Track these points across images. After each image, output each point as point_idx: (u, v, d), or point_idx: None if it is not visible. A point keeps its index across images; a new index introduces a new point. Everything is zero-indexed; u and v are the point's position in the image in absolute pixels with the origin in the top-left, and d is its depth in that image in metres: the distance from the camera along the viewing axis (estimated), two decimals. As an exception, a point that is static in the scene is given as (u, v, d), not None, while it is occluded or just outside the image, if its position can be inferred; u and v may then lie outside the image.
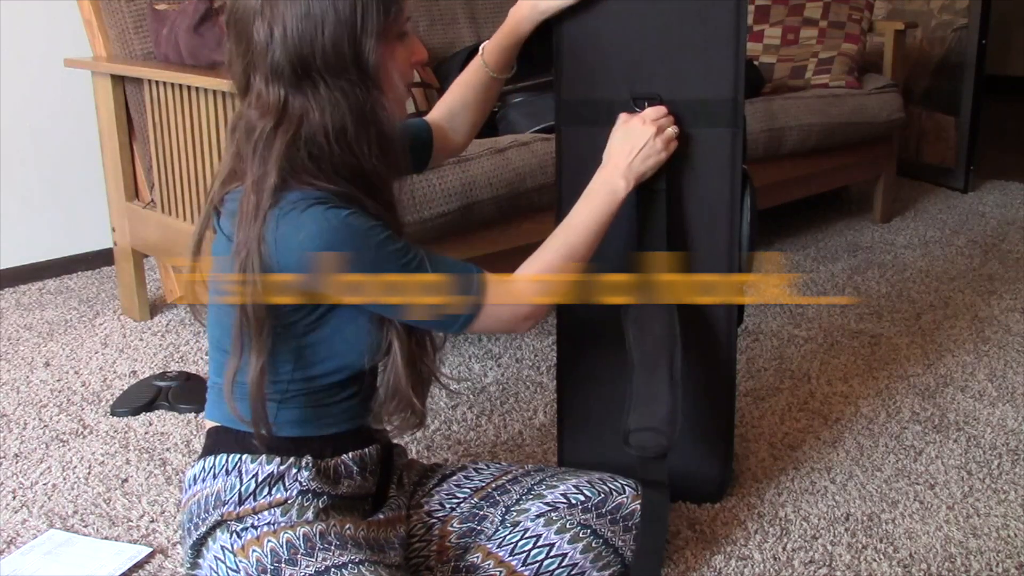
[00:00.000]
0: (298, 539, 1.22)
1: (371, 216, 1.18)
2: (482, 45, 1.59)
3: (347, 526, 1.26)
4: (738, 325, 1.68)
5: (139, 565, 1.54)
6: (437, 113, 1.59)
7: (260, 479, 1.24)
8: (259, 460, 1.24)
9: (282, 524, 1.23)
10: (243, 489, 1.24)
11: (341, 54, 1.15)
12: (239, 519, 1.24)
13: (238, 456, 1.25)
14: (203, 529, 1.25)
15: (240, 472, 1.24)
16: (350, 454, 1.30)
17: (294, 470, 1.24)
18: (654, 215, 1.57)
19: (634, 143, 1.47)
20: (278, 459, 1.24)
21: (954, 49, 3.81)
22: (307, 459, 1.25)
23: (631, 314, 1.57)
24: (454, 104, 1.60)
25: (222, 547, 1.24)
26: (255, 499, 1.23)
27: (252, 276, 1.14)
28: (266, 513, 1.23)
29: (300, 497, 1.24)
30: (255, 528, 1.23)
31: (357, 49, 1.16)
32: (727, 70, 1.55)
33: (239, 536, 1.23)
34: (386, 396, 1.27)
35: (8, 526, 1.64)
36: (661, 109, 1.52)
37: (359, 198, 1.18)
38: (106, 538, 1.61)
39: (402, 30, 1.22)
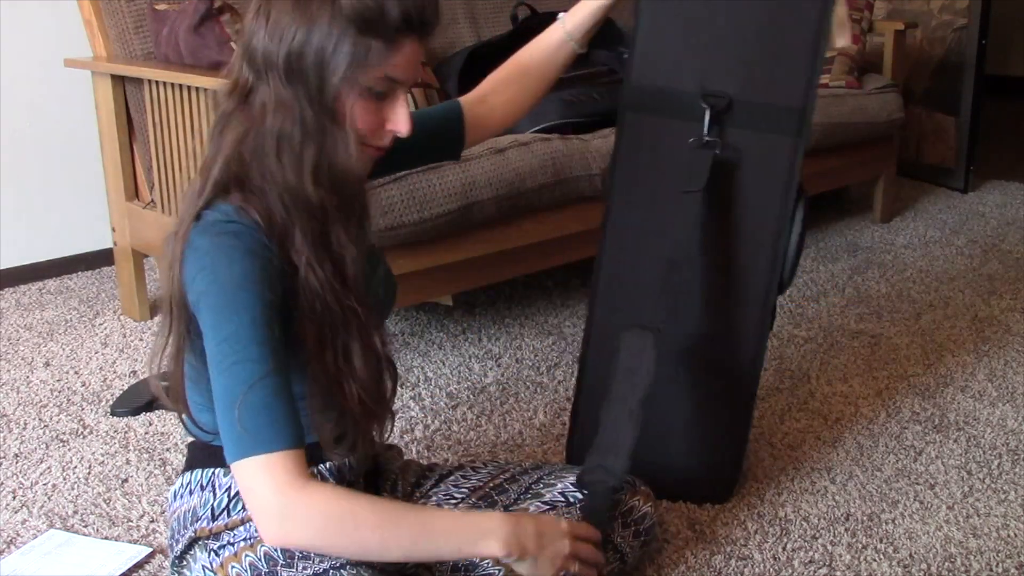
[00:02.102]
0: (275, 551, 1.20)
1: (277, 284, 1.10)
2: (560, 15, 1.51)
3: None
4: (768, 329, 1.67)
5: (139, 565, 1.54)
6: (489, 85, 1.52)
7: (233, 493, 1.22)
8: (232, 474, 1.23)
9: (258, 537, 1.21)
10: (216, 504, 1.23)
11: (303, 68, 1.11)
12: (215, 536, 1.23)
13: (212, 471, 1.24)
14: (181, 546, 1.25)
15: (214, 487, 1.23)
16: (327, 464, 1.26)
17: None
18: (688, 219, 1.54)
19: (549, 539, 1.20)
20: None
21: (954, 49, 3.81)
22: None
23: (622, 348, 1.50)
24: (517, 69, 1.51)
25: (203, 567, 1.23)
26: (228, 514, 1.22)
27: (173, 268, 1.12)
28: (241, 528, 1.22)
29: None
30: (232, 545, 1.22)
31: (321, 75, 1.12)
32: (801, 79, 1.53)
33: (217, 554, 1.22)
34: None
35: (8, 526, 1.64)
36: (591, 545, 1.26)
37: (290, 234, 1.12)
38: (106, 538, 1.61)
39: (375, 88, 1.15)
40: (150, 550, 1.56)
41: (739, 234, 1.60)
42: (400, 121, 1.18)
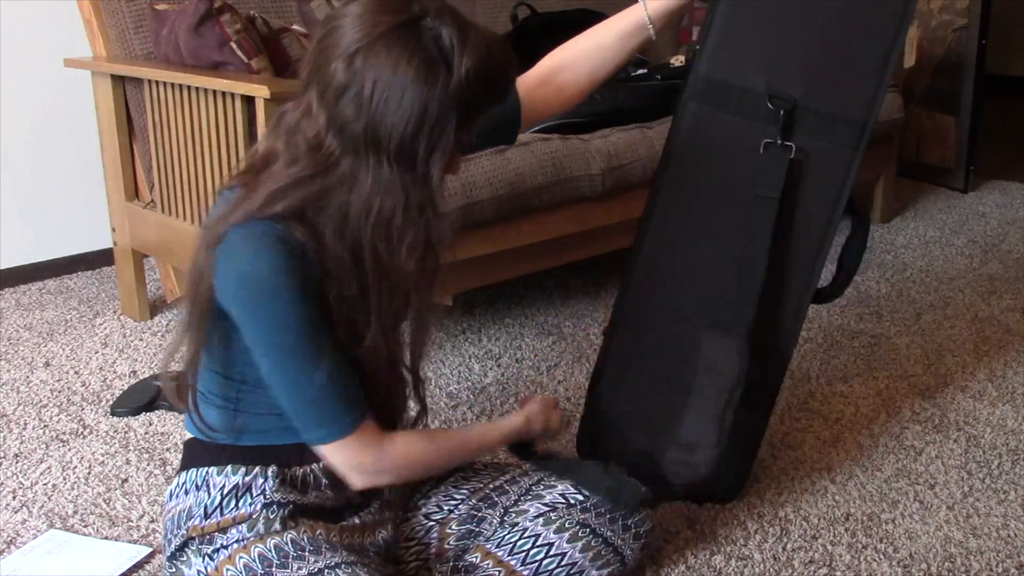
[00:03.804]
0: (270, 551, 1.21)
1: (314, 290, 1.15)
2: (644, 2, 1.50)
3: (319, 531, 1.25)
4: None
5: (139, 565, 1.54)
6: (556, 61, 1.51)
7: (226, 491, 1.23)
8: (225, 472, 1.24)
9: (251, 538, 1.22)
10: (209, 502, 1.23)
11: (414, 152, 1.12)
12: (209, 540, 1.23)
13: (206, 470, 1.25)
14: (174, 546, 1.25)
15: (208, 486, 1.24)
16: (320, 464, 1.27)
17: (260, 480, 1.23)
18: (762, 224, 1.56)
19: (541, 417, 1.53)
20: (243, 469, 1.23)
21: (954, 49, 3.81)
22: (272, 468, 1.24)
23: (703, 354, 1.58)
24: (591, 46, 1.51)
25: (197, 571, 1.23)
26: (221, 513, 1.23)
27: (205, 267, 1.14)
28: (233, 530, 1.22)
29: (264, 510, 1.22)
30: (225, 548, 1.22)
31: (429, 159, 1.13)
32: (868, 93, 1.53)
33: (211, 558, 1.22)
34: None
35: (8, 526, 1.64)
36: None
37: (354, 294, 1.17)
38: (106, 538, 1.61)
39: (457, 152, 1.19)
40: (150, 550, 1.56)
41: (783, 239, 1.60)
42: (457, 165, 1.22)
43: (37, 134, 2.84)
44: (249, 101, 1.97)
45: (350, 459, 1.22)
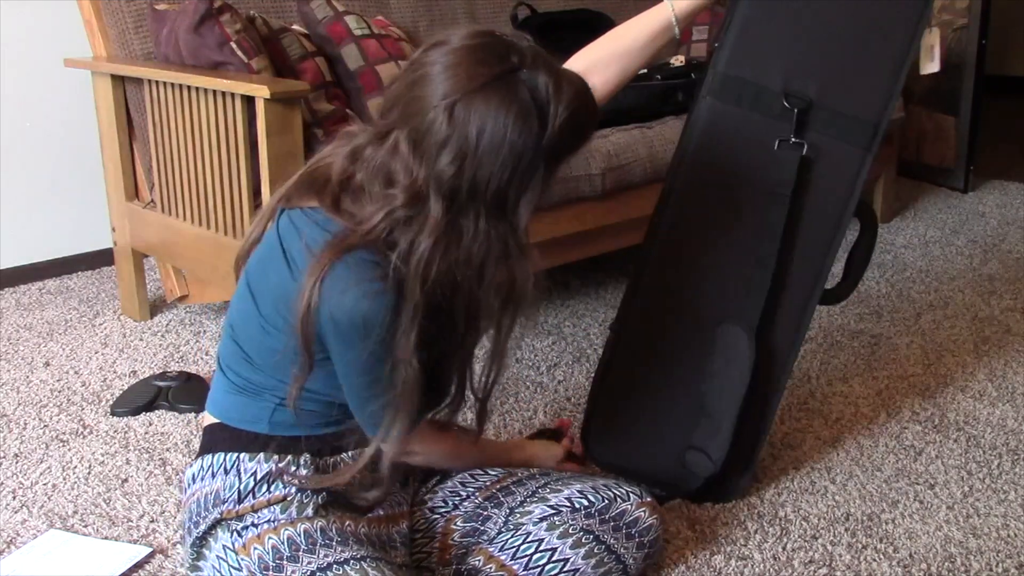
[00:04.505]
0: (299, 535, 1.23)
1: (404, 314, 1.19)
2: (671, 2, 1.51)
3: (347, 522, 1.27)
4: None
5: (139, 565, 1.54)
6: (583, 64, 1.51)
7: (259, 477, 1.24)
8: (257, 458, 1.25)
9: (282, 521, 1.23)
10: (242, 487, 1.24)
11: (506, 200, 1.14)
12: (239, 517, 1.24)
13: (236, 455, 1.26)
14: (203, 527, 1.26)
15: (239, 471, 1.25)
16: (350, 452, 1.30)
17: (293, 468, 1.25)
18: (772, 218, 1.58)
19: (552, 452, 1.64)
20: (276, 457, 1.25)
21: (954, 49, 3.81)
22: (305, 457, 1.26)
23: (718, 346, 1.61)
24: (618, 48, 1.52)
25: (224, 547, 1.24)
26: (254, 497, 1.24)
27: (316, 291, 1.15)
28: (266, 511, 1.24)
29: (299, 494, 1.24)
30: (255, 526, 1.23)
31: (519, 205, 1.15)
32: (882, 96, 1.55)
33: (240, 535, 1.24)
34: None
35: (8, 526, 1.64)
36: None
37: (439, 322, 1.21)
38: (106, 538, 1.61)
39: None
40: (150, 550, 1.57)
41: (792, 237, 1.60)
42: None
43: (37, 134, 2.84)
44: (249, 101, 1.97)
45: (401, 447, 1.28)
